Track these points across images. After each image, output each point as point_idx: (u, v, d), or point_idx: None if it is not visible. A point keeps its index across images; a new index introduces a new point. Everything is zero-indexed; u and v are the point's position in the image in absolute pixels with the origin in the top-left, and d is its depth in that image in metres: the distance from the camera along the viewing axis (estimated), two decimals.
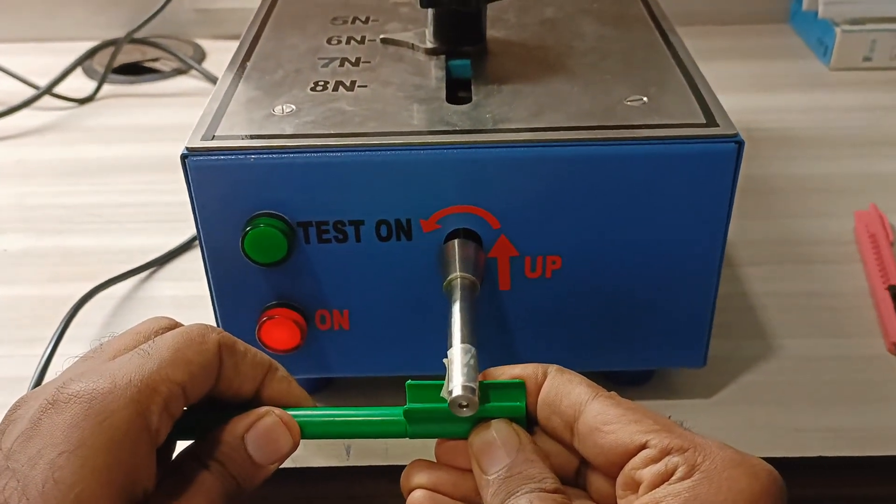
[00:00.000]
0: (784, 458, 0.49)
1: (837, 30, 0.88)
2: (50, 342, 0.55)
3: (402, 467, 0.49)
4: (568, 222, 0.44)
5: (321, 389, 0.53)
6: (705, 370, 0.51)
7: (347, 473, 0.49)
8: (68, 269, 0.66)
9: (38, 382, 0.53)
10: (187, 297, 0.62)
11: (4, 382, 0.55)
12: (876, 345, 0.56)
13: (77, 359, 0.35)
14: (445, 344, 0.44)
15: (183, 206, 0.70)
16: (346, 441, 0.50)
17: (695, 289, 0.46)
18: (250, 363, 0.37)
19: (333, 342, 0.48)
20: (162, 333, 0.36)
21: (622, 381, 0.53)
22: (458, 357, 0.37)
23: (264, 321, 0.46)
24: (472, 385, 0.35)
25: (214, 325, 0.47)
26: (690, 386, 0.53)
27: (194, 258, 0.66)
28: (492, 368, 0.38)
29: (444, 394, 0.36)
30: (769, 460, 0.49)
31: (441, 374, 0.47)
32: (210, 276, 0.46)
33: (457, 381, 0.36)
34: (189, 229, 0.68)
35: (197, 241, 0.66)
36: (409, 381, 0.37)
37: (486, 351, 0.43)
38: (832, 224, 0.67)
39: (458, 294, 0.42)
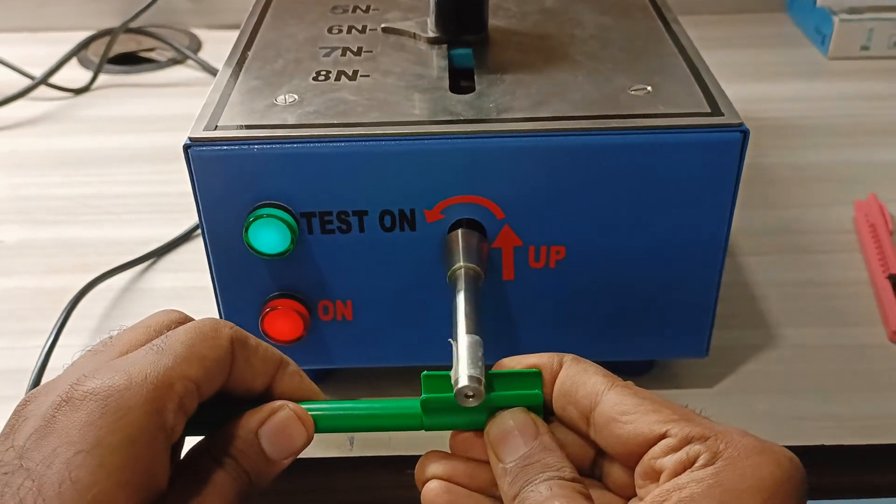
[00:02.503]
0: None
1: (835, 18, 0.88)
2: (50, 334, 0.55)
3: (405, 458, 0.49)
4: (572, 212, 0.44)
5: (323, 380, 0.53)
6: (706, 360, 0.51)
7: (351, 464, 0.49)
8: (66, 260, 0.65)
9: (40, 374, 0.52)
10: (186, 289, 0.62)
11: (5, 374, 0.55)
12: (876, 333, 0.56)
13: (86, 352, 0.35)
14: (449, 334, 0.44)
15: (180, 196, 0.70)
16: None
17: (698, 279, 0.46)
18: (262, 358, 0.36)
19: (336, 333, 0.48)
20: (173, 327, 0.35)
21: (624, 371, 0.52)
22: (463, 347, 0.37)
23: (267, 312, 0.46)
24: (477, 375, 0.35)
25: (217, 316, 0.47)
26: (692, 376, 0.53)
27: (193, 249, 0.66)
28: (507, 358, 0.37)
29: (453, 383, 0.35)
30: None
31: (446, 364, 0.47)
32: (213, 266, 0.45)
33: (462, 372, 0.35)
34: (186, 220, 0.68)
35: (195, 232, 0.67)
36: (424, 372, 0.36)
37: (490, 341, 0.43)
38: (832, 213, 0.67)
39: (462, 284, 0.42)
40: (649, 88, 0.46)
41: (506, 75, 0.48)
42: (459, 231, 0.44)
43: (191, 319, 0.37)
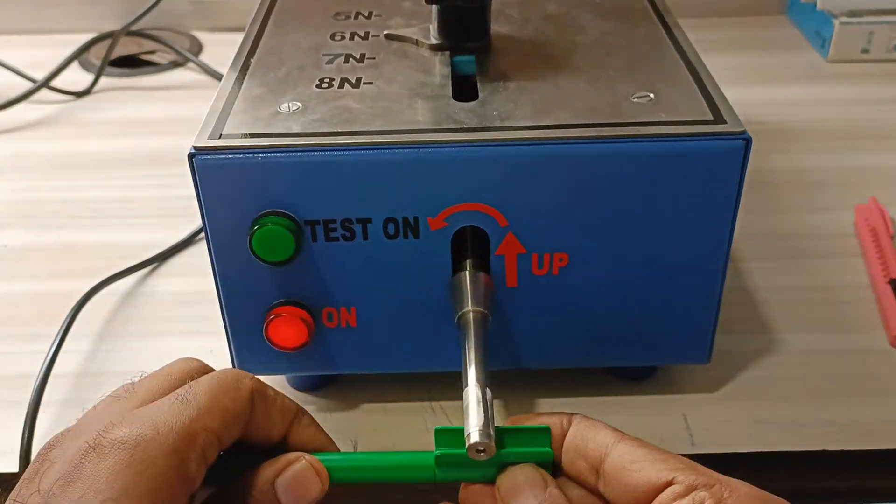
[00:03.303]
0: (787, 451, 0.49)
1: (835, 22, 0.88)
2: (54, 339, 0.55)
3: None
4: (575, 220, 0.44)
5: (326, 385, 0.53)
6: (708, 365, 0.51)
7: None
8: (69, 264, 0.65)
9: (44, 380, 0.52)
10: (189, 293, 0.62)
11: (10, 380, 0.55)
12: (877, 338, 0.56)
13: (107, 397, 0.36)
14: (451, 339, 0.45)
15: (182, 200, 0.71)
16: (353, 437, 0.50)
17: (701, 286, 0.46)
18: (279, 409, 0.37)
19: (340, 339, 0.48)
20: (194, 376, 0.36)
21: (626, 376, 0.53)
22: (473, 400, 0.38)
23: (271, 319, 0.46)
24: (489, 430, 0.36)
25: (222, 325, 0.48)
26: (694, 381, 0.53)
27: (195, 253, 0.66)
28: (518, 416, 0.39)
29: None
30: (773, 455, 0.50)
31: (448, 370, 0.48)
32: (217, 274, 0.46)
33: (474, 427, 0.36)
34: (189, 224, 0.68)
35: (198, 236, 0.67)
36: (437, 427, 0.37)
37: (494, 349, 0.44)
38: (832, 218, 0.68)
39: (470, 330, 0.42)
40: (651, 96, 0.46)
41: (508, 83, 0.48)
42: (466, 273, 0.45)
43: (210, 368, 0.38)
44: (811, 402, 0.52)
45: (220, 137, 0.43)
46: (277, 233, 0.43)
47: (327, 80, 0.48)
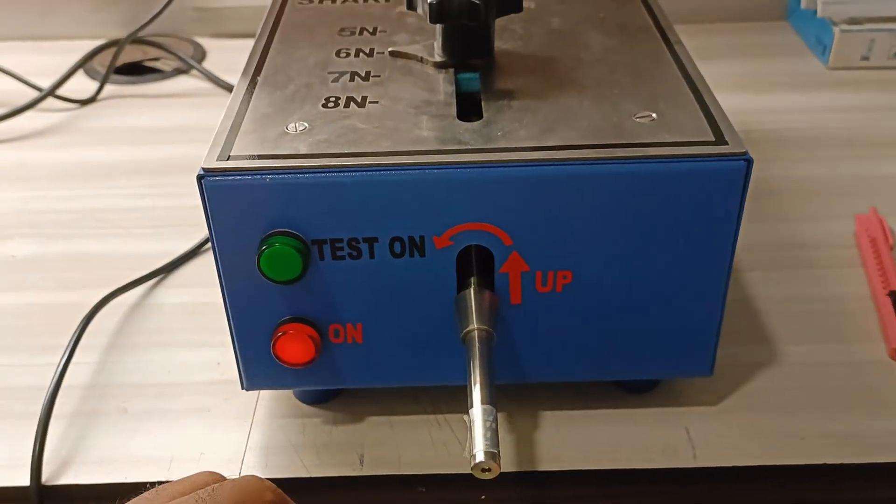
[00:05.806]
0: (789, 465, 0.50)
1: (836, 29, 0.88)
2: (65, 352, 0.56)
3: (414, 476, 0.50)
4: (579, 238, 0.45)
5: (334, 398, 0.54)
6: (710, 377, 0.51)
7: (360, 483, 0.50)
8: (77, 275, 0.66)
9: (55, 392, 0.53)
10: (196, 304, 0.63)
11: (21, 392, 0.56)
12: (878, 350, 0.57)
13: (133, 501, 0.37)
14: (457, 354, 0.45)
15: (188, 209, 0.71)
16: (359, 450, 0.51)
17: (703, 303, 0.47)
18: None
19: (347, 355, 0.49)
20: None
21: (629, 388, 0.54)
22: (479, 420, 0.39)
23: (279, 336, 0.46)
24: (494, 451, 0.37)
25: (230, 340, 0.48)
26: (696, 393, 0.54)
27: (202, 264, 0.67)
28: None
29: (465, 455, 0.37)
30: (775, 468, 0.50)
31: (451, 384, 0.48)
32: (226, 292, 0.46)
33: (479, 447, 0.37)
34: (196, 233, 0.68)
35: (203, 247, 0.68)
36: None
37: (499, 363, 0.44)
38: (832, 227, 0.68)
39: (476, 349, 0.43)
40: (654, 115, 0.46)
41: (513, 101, 0.48)
42: (472, 291, 0.45)
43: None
44: (812, 414, 0.52)
45: (228, 158, 0.44)
46: (285, 252, 0.44)
47: (333, 98, 0.49)
